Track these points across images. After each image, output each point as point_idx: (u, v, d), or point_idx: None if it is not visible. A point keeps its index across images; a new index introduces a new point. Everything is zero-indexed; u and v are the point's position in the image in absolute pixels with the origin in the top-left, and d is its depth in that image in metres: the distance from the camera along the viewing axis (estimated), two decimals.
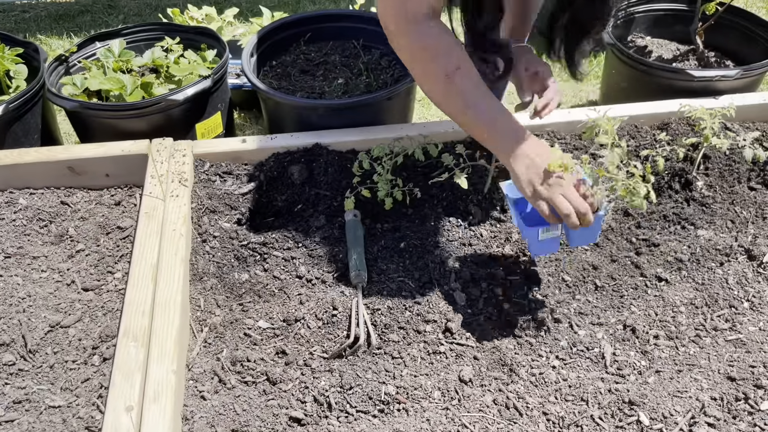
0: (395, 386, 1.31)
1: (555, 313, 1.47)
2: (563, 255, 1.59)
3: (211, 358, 1.37)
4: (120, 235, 1.65)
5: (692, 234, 1.65)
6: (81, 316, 1.45)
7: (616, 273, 1.56)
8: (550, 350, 1.40)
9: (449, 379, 1.34)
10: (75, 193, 1.76)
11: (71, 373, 1.34)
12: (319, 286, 1.52)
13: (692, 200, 1.73)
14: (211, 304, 1.47)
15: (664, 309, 1.49)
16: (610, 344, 1.42)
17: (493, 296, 1.50)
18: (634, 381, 1.34)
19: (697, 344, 1.42)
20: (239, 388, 1.32)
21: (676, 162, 1.79)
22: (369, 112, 1.85)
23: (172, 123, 1.88)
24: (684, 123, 1.89)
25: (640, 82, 2.12)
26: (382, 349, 1.40)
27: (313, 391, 1.31)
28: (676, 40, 2.41)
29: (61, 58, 2.00)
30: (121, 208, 1.73)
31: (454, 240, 1.62)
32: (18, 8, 3.54)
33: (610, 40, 2.15)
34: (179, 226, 1.52)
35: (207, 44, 2.13)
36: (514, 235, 1.63)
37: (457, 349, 1.40)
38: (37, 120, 1.94)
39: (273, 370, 1.34)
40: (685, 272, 1.57)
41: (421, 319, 1.45)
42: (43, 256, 1.58)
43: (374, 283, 1.52)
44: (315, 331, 1.43)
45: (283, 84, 2.00)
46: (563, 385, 1.33)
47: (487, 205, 1.69)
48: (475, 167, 1.75)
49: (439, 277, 1.54)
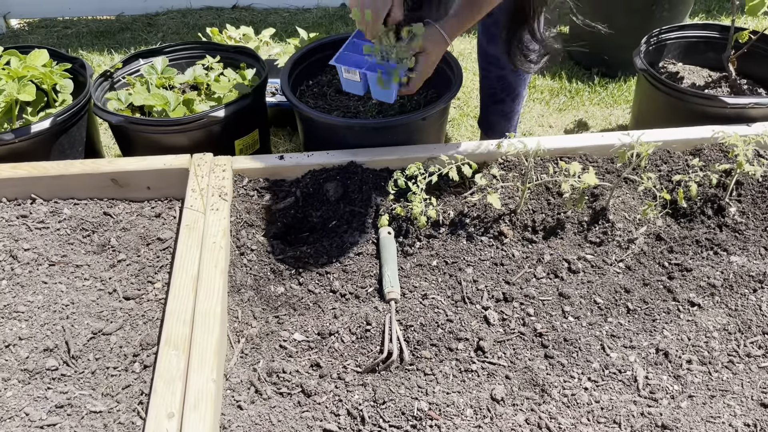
0: (428, 402, 1.33)
1: (587, 335, 1.48)
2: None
3: (248, 368, 1.40)
4: (160, 246, 1.70)
5: (725, 260, 1.66)
6: (122, 324, 1.49)
7: (648, 297, 1.57)
8: (582, 372, 1.41)
9: (481, 397, 1.35)
10: (117, 204, 1.82)
11: (112, 380, 1.38)
12: (353, 301, 1.55)
13: (725, 226, 1.74)
14: (248, 315, 1.51)
15: (697, 334, 1.49)
16: (642, 367, 1.42)
17: (526, 316, 1.52)
18: (666, 405, 1.35)
19: (731, 370, 1.42)
20: (275, 398, 1.35)
21: (708, 188, 1.79)
22: (403, 132, 1.89)
23: (212, 139, 1.93)
24: (717, 149, 1.90)
25: (672, 108, 2.13)
26: (415, 365, 1.42)
27: (346, 405, 1.33)
28: (707, 66, 2.42)
29: (106, 74, 2.08)
30: (161, 220, 1.78)
31: (486, 259, 1.64)
32: (60, 24, 3.66)
33: (642, 65, 2.17)
34: (219, 239, 1.56)
35: (246, 63, 2.19)
36: (546, 256, 1.65)
37: (489, 368, 1.42)
38: (82, 133, 2.01)
39: (308, 382, 1.37)
40: (718, 298, 1.57)
41: (454, 336, 1.46)
42: (86, 264, 1.63)
43: (407, 300, 1.54)
44: (349, 345, 1.45)
45: (319, 103, 2.05)
46: (595, 407, 1.34)
47: (519, 225, 1.71)
48: (507, 188, 1.77)
49: (472, 296, 1.56)
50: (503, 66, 2.11)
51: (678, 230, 1.73)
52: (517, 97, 2.20)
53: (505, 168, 1.85)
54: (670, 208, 1.78)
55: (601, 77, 2.96)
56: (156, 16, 3.69)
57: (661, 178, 1.85)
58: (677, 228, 1.74)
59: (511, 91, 2.18)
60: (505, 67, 2.11)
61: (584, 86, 2.91)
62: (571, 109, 2.77)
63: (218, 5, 3.79)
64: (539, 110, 2.77)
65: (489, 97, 2.22)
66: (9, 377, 1.36)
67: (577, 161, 1.86)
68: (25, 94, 1.79)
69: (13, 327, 1.46)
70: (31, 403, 1.32)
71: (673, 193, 1.79)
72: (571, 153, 1.88)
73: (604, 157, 1.89)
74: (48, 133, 1.89)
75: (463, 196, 1.78)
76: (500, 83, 2.17)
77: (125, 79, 2.11)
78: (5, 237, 1.67)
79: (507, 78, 2.14)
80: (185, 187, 1.72)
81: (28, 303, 1.52)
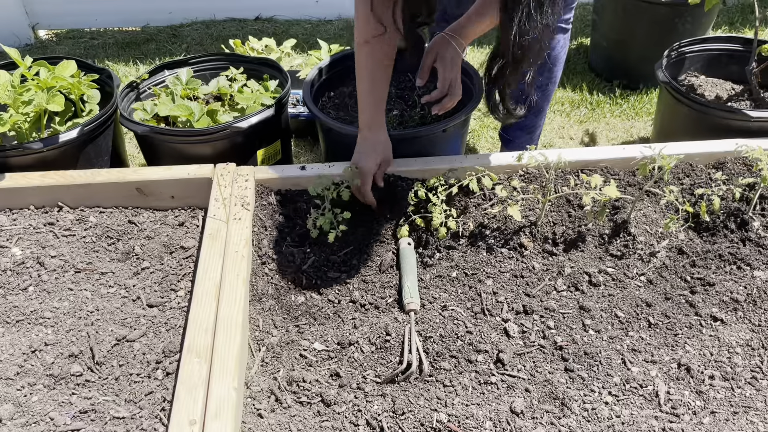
0: (447, 414, 1.33)
1: (608, 348, 1.47)
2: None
3: (268, 377, 1.41)
4: (183, 255, 1.72)
5: (748, 275, 1.64)
6: (146, 331, 1.51)
7: (670, 311, 1.56)
8: (603, 386, 1.40)
9: (501, 410, 1.35)
10: (141, 213, 1.85)
11: (135, 386, 1.40)
12: (372, 312, 1.56)
13: (748, 240, 1.72)
14: (268, 324, 1.52)
15: (719, 349, 1.47)
16: (664, 382, 1.41)
17: (546, 329, 1.51)
18: (688, 421, 1.33)
19: (753, 386, 1.40)
20: (295, 407, 1.36)
21: (731, 201, 1.78)
22: (424, 143, 1.90)
23: (236, 149, 1.96)
24: (740, 163, 1.88)
25: (694, 120, 2.12)
26: (434, 376, 1.42)
27: (366, 415, 1.34)
28: (730, 80, 2.40)
29: (132, 85, 2.12)
30: (185, 229, 1.80)
31: (507, 271, 1.64)
32: (87, 35, 3.74)
33: (664, 78, 2.16)
34: (241, 248, 1.58)
35: (269, 74, 2.22)
36: (566, 269, 1.64)
37: (508, 381, 1.42)
38: (108, 142, 2.05)
39: (327, 391, 1.38)
40: (741, 313, 1.55)
41: (473, 348, 1.46)
42: (111, 272, 1.66)
43: (426, 311, 1.55)
44: (368, 355, 1.46)
45: (340, 114, 2.07)
46: (616, 421, 1.33)
47: (539, 237, 1.71)
48: (528, 200, 1.77)
49: (491, 308, 1.56)
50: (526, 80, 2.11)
51: (700, 244, 1.72)
52: (540, 112, 2.21)
53: (526, 180, 1.85)
54: (693, 221, 1.76)
55: (623, 89, 2.95)
56: (180, 27, 3.76)
57: (683, 192, 1.84)
58: (699, 242, 1.73)
59: (533, 107, 2.18)
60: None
61: (605, 98, 2.90)
62: (592, 121, 2.77)
63: (241, 17, 3.84)
64: (560, 122, 2.76)
65: None
66: (35, 382, 1.39)
67: (599, 174, 1.86)
68: (54, 105, 1.83)
69: (39, 333, 1.49)
70: (56, 408, 1.34)
71: (695, 207, 1.78)
72: (593, 165, 1.88)
73: (626, 170, 1.88)
74: (75, 143, 1.93)
75: (483, 207, 1.78)
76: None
77: (151, 89, 2.15)
78: (33, 244, 1.71)
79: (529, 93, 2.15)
80: (208, 197, 1.75)
81: (54, 309, 1.55)
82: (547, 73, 2.12)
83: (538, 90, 2.12)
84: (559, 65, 2.12)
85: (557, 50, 2.09)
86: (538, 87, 2.11)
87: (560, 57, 2.11)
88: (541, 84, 2.11)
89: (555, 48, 2.08)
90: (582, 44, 3.41)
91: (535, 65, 1.56)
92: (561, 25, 2.06)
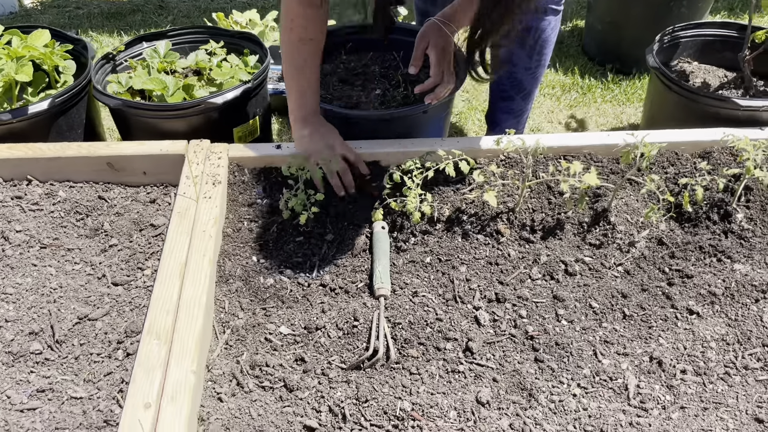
0: (411, 403, 1.31)
1: (580, 339, 1.44)
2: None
3: (231, 360, 1.38)
4: (152, 233, 1.68)
5: (728, 267, 1.60)
6: (109, 310, 1.48)
7: (645, 303, 1.53)
8: (572, 378, 1.37)
9: (466, 399, 1.32)
10: (112, 188, 1.81)
11: (95, 366, 1.37)
12: (342, 296, 1.52)
13: (730, 233, 1.68)
14: (235, 306, 1.49)
15: (693, 343, 1.44)
16: (634, 376, 1.38)
17: (518, 318, 1.48)
18: (657, 416, 1.31)
19: (726, 382, 1.38)
20: (256, 392, 1.33)
21: (716, 192, 1.74)
22: (404, 124, 1.85)
23: (211, 125, 1.91)
24: (727, 153, 1.84)
25: (683, 108, 2.07)
26: (401, 364, 1.39)
27: (329, 401, 1.31)
28: (724, 66, 2.34)
29: (108, 56, 2.06)
30: (156, 206, 1.76)
31: (481, 258, 1.61)
32: (72, 4, 3.66)
33: (654, 63, 2.11)
34: (209, 228, 1.54)
35: (249, 49, 2.16)
36: (542, 257, 1.61)
37: (476, 370, 1.39)
38: (81, 115, 2.00)
39: (291, 377, 1.35)
40: (718, 307, 1.52)
41: (442, 336, 1.43)
42: (77, 248, 1.62)
43: (397, 297, 1.51)
44: (335, 340, 1.43)
45: (321, 92, 2.01)
46: (583, 414, 1.30)
47: (517, 224, 1.67)
48: (508, 186, 1.73)
49: (463, 295, 1.52)
50: (515, 63, 2.06)
51: (681, 235, 1.68)
52: (528, 96, 2.16)
53: (507, 165, 1.81)
54: (675, 212, 1.73)
55: (615, 74, 2.89)
56: None
57: (667, 181, 1.80)
58: (681, 233, 1.69)
59: (521, 90, 2.13)
60: (516, 64, 2.07)
61: (597, 83, 2.85)
62: (582, 105, 2.71)
63: None
64: (549, 106, 2.71)
65: (498, 93, 2.18)
66: None
67: (581, 160, 1.81)
68: (23, 74, 1.78)
69: (0, 309, 1.46)
70: (13, 386, 1.32)
71: (678, 197, 1.74)
72: (576, 152, 1.84)
73: (609, 157, 1.84)
74: (46, 115, 1.88)
75: (462, 192, 1.74)
76: (510, 81, 2.12)
77: (128, 62, 2.09)
78: None
79: (517, 76, 2.10)
80: (181, 174, 1.71)
81: (16, 285, 1.51)
82: (536, 56, 2.06)
83: (526, 73, 2.07)
84: (549, 47, 2.07)
85: (547, 32, 2.03)
86: (527, 70, 2.06)
87: (550, 39, 2.05)
88: (529, 67, 2.06)
89: (545, 30, 2.02)
90: (577, 27, 3.34)
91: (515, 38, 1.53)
92: (551, 6, 2.00)
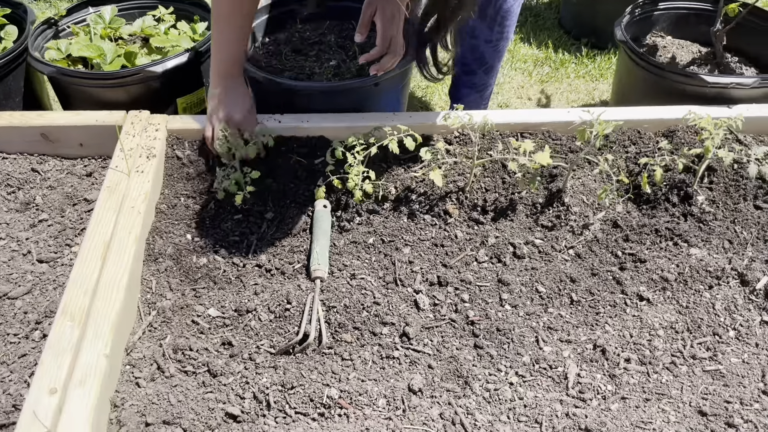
0: (339, 390, 1.25)
1: (522, 325, 1.38)
2: None
3: (154, 343, 1.32)
4: (85, 208, 1.61)
5: (684, 252, 1.54)
6: (31, 288, 1.41)
7: (595, 288, 1.46)
8: (511, 365, 1.31)
9: (398, 387, 1.26)
10: (48, 161, 1.73)
11: (10, 347, 1.30)
12: (278, 278, 1.45)
13: (690, 215, 1.61)
14: (163, 286, 1.42)
15: (640, 331, 1.38)
16: (576, 364, 1.32)
17: (459, 302, 1.42)
18: (595, 406, 1.25)
19: (672, 372, 1.32)
20: (177, 377, 1.27)
21: (677, 173, 1.66)
22: (355, 97, 1.77)
23: (153, 96, 1.82)
24: (692, 132, 1.76)
25: (651, 84, 1.99)
26: (333, 349, 1.33)
27: (253, 388, 1.25)
28: (699, 41, 2.25)
29: (49, 22, 1.96)
30: (92, 180, 1.69)
31: (427, 239, 1.54)
32: None
33: (621, 37, 2.02)
34: (138, 204, 1.46)
35: (200, 16, 2.06)
36: (491, 239, 1.54)
37: (412, 356, 1.33)
38: (19, 83, 1.91)
39: (215, 361, 1.29)
40: (669, 293, 1.46)
41: (379, 320, 1.37)
42: (5, 223, 1.55)
43: (335, 279, 1.45)
44: (266, 324, 1.36)
45: (272, 62, 1.92)
46: (518, 404, 1.25)
47: (467, 204, 1.60)
48: (459, 164, 1.66)
49: (404, 278, 1.46)
50: (476, 36, 1.97)
51: (638, 217, 1.61)
52: (490, 70, 2.07)
53: (462, 143, 1.73)
54: (633, 193, 1.65)
55: (590, 48, 2.79)
56: None
57: (628, 161, 1.72)
58: (638, 215, 1.62)
59: (484, 63, 2.04)
60: (478, 36, 1.97)
61: (571, 57, 2.75)
62: (554, 81, 2.62)
63: None
64: (520, 80, 2.62)
65: (460, 67, 2.09)
66: None
67: (539, 138, 1.74)
68: None
69: None
70: None
71: (638, 178, 1.67)
72: (534, 129, 1.76)
73: (569, 135, 1.76)
74: None
75: (414, 170, 1.66)
76: (473, 54, 2.03)
77: (71, 28, 1.99)
78: None
79: (480, 49, 2.00)
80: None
81: None
82: (497, 27, 1.97)
83: (488, 46, 1.98)
84: (511, 19, 1.97)
85: (509, 2, 1.93)
86: (488, 43, 1.97)
87: (513, 10, 1.96)
88: (491, 40, 1.97)
89: (507, 0, 1.93)
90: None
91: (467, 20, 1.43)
92: None
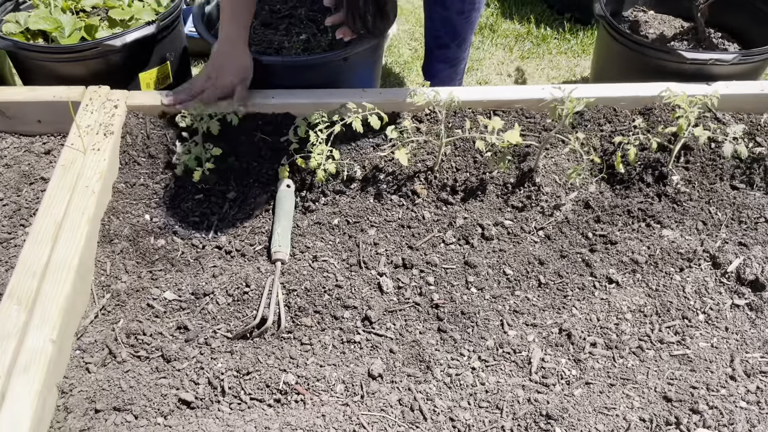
0: (296, 375, 1.21)
1: (488, 309, 1.34)
2: None
3: (107, 327, 1.28)
4: (42, 187, 1.55)
5: (656, 233, 1.50)
6: None
7: (563, 270, 1.43)
8: (474, 349, 1.28)
9: (357, 372, 1.23)
10: (5, 138, 1.67)
11: None
12: (238, 260, 1.41)
13: (664, 196, 1.58)
14: (118, 269, 1.38)
15: (608, 314, 1.35)
16: (540, 348, 1.29)
17: (424, 285, 1.38)
18: (558, 392, 1.22)
19: (638, 357, 1.29)
20: (130, 362, 1.23)
21: (652, 152, 1.62)
22: (324, 73, 1.71)
23: (113, 70, 1.76)
24: (668, 110, 1.72)
25: (630, 60, 1.94)
26: (293, 333, 1.29)
27: (208, 373, 1.22)
28: (682, 16, 2.20)
29: None
30: (50, 158, 1.63)
31: (393, 220, 1.50)
32: None
33: (600, 11, 1.96)
34: (93, 183, 1.41)
35: None
36: (458, 220, 1.50)
37: (373, 340, 1.30)
38: None
39: (170, 346, 1.25)
40: (639, 275, 1.43)
41: (341, 304, 1.34)
42: None
43: (296, 261, 1.41)
44: (223, 307, 1.33)
45: None
46: (480, 389, 1.22)
47: (436, 184, 1.56)
48: (427, 143, 1.61)
49: (368, 260, 1.42)
50: (447, 7, 1.91)
51: (611, 198, 1.57)
52: (463, 42, 2.01)
53: (432, 120, 1.68)
54: (607, 173, 1.61)
55: (573, 23, 2.72)
56: None
57: (602, 139, 1.68)
58: (611, 195, 1.58)
59: (456, 36, 1.98)
60: (449, 8, 1.91)
61: (553, 32, 2.68)
62: (535, 57, 2.56)
63: None
64: (500, 56, 2.55)
65: (433, 41, 2.03)
66: None
67: (512, 116, 1.69)
68: None
69: None
70: None
71: (611, 157, 1.63)
72: (507, 106, 1.71)
73: (543, 113, 1.71)
74: None
75: (383, 149, 1.62)
76: (445, 27, 1.97)
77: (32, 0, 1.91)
78: None
79: (452, 21, 1.94)
80: None
81: None
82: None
83: (460, 17, 1.92)
84: None
85: None
86: (460, 14, 1.91)
87: None
88: (462, 11, 1.90)
89: None
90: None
91: None
92: None
